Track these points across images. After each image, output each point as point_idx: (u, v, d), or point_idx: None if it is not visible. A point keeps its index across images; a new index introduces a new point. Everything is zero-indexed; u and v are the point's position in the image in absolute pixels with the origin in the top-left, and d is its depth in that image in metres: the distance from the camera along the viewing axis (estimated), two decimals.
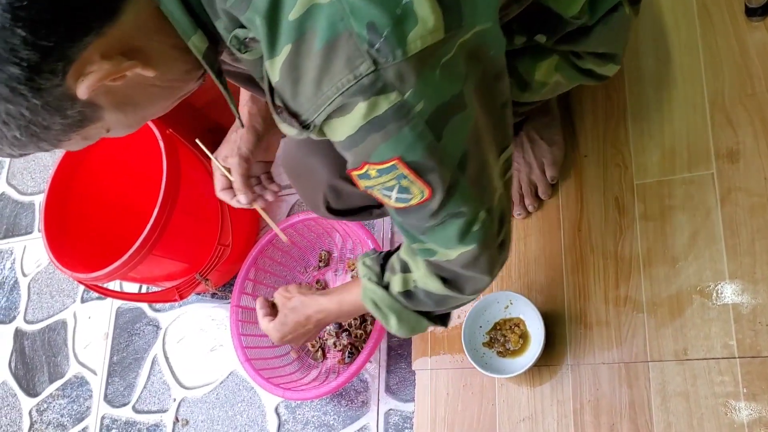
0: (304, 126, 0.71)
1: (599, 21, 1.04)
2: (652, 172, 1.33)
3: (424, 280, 0.93)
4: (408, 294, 0.97)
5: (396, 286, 0.97)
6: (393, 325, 1.01)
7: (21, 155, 0.72)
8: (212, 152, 1.19)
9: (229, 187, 1.17)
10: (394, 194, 0.77)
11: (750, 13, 1.31)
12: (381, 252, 1.04)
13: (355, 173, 0.76)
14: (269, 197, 1.19)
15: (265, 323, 1.23)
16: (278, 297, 1.24)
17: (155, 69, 0.70)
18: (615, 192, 1.35)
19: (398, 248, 1.01)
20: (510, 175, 0.89)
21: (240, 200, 1.16)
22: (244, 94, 1.18)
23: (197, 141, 1.27)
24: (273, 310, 1.25)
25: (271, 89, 0.72)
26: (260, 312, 1.25)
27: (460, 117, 0.73)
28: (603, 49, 1.09)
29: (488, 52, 0.74)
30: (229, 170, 1.16)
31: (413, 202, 0.77)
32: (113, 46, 0.66)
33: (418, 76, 0.66)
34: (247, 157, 1.15)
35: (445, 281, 0.91)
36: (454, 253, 0.85)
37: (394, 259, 1.00)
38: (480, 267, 0.87)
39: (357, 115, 0.68)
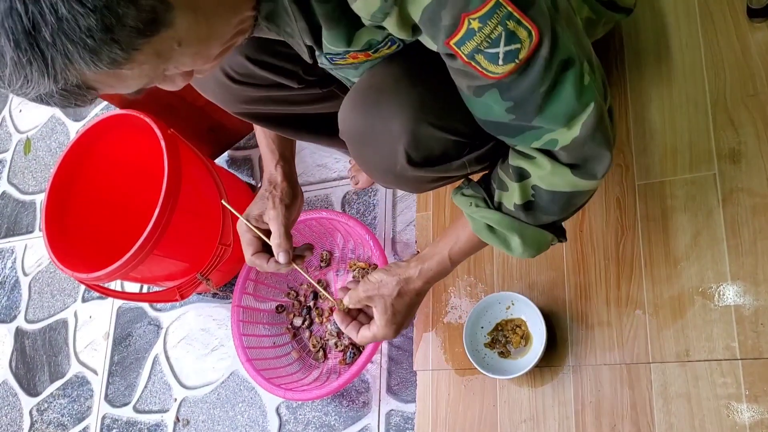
0: None
1: None
2: (654, 173, 1.32)
3: (550, 178, 0.88)
4: (528, 205, 0.91)
5: (513, 199, 0.91)
6: (517, 247, 0.95)
7: (94, 65, 0.62)
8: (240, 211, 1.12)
9: (262, 250, 1.09)
10: (502, 49, 0.73)
11: (752, 14, 1.31)
12: (472, 181, 0.99)
13: (454, 41, 0.73)
14: (308, 254, 1.11)
15: (366, 334, 1.06)
16: (363, 292, 1.05)
17: None
18: (616, 192, 1.35)
19: (491, 171, 0.96)
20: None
21: (280, 259, 1.06)
22: (268, 157, 1.16)
23: (223, 202, 1.20)
24: (358, 312, 1.09)
25: None
26: (350, 329, 1.07)
27: None
28: None
29: None
30: (262, 231, 1.09)
31: (523, 54, 0.74)
32: None
33: None
34: (290, 209, 1.10)
35: (574, 168, 0.86)
36: (576, 126, 0.81)
37: (499, 175, 0.93)
38: (603, 134, 0.83)
39: None
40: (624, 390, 1.23)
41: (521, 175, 0.90)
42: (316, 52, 0.91)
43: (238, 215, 1.10)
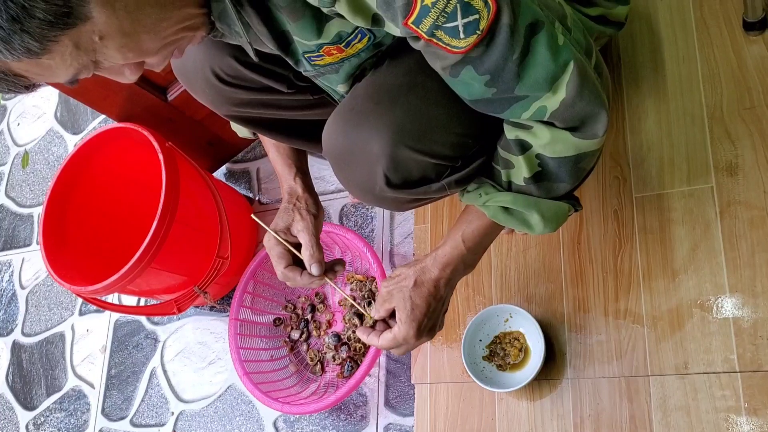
0: None
1: None
2: (652, 185, 1.33)
3: (552, 146, 0.87)
4: (538, 176, 0.91)
5: (521, 173, 0.91)
6: (537, 223, 0.94)
7: (10, 54, 0.65)
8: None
9: (294, 263, 1.07)
10: (460, 22, 0.73)
11: (748, 27, 1.32)
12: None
13: (411, 20, 0.73)
14: (338, 268, 1.08)
15: (387, 336, 1.01)
16: (384, 288, 1.03)
17: None
18: (614, 205, 1.35)
19: (493, 158, 0.96)
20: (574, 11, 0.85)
21: (313, 271, 1.05)
22: (284, 171, 1.16)
23: (253, 216, 1.19)
24: (384, 325, 1.04)
25: None
26: (372, 336, 1.02)
27: None
28: None
29: None
30: (292, 245, 1.08)
31: (484, 23, 0.73)
32: None
33: None
34: (318, 218, 1.09)
35: (573, 130, 0.86)
36: (561, 89, 0.80)
37: (501, 155, 0.92)
38: (592, 92, 0.82)
39: None
40: (623, 403, 1.23)
41: (522, 147, 0.89)
42: (297, 60, 0.92)
43: (267, 228, 1.09)
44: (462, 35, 0.74)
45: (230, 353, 1.53)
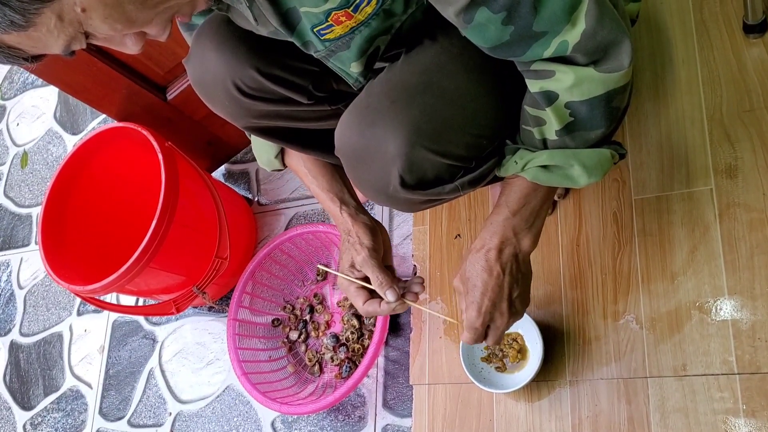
0: None
1: None
2: (651, 188, 1.33)
3: (578, 87, 0.84)
4: (570, 126, 0.88)
5: (552, 127, 0.88)
6: (580, 175, 0.90)
7: None
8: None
9: (371, 297, 1.06)
10: None
11: (748, 29, 1.32)
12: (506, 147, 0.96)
13: None
14: (417, 289, 1.06)
15: (463, 335, 1.00)
16: (455, 286, 1.03)
17: None
18: (613, 207, 1.35)
19: (521, 120, 0.94)
20: None
21: (389, 298, 1.03)
22: (330, 207, 1.15)
23: (319, 266, 1.18)
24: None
25: None
26: (462, 337, 1.01)
27: None
28: None
29: None
30: (362, 279, 1.07)
31: None
32: None
33: None
34: (373, 246, 1.07)
35: (597, 64, 0.83)
36: (580, 20, 0.78)
37: (529, 113, 0.90)
38: (612, 19, 0.80)
39: None
40: (621, 404, 1.23)
41: (549, 98, 0.86)
42: (306, 41, 0.90)
43: (337, 273, 1.09)
44: None
45: (228, 353, 1.53)
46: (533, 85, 0.87)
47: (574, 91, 0.84)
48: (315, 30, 0.89)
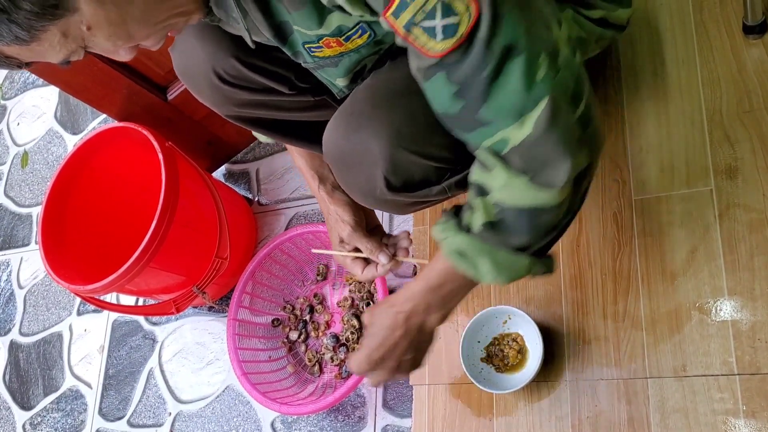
0: None
1: None
2: (651, 188, 1.33)
3: (508, 190, 0.80)
4: (494, 225, 0.84)
5: (478, 219, 0.84)
6: (487, 272, 0.87)
7: None
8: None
9: (366, 264, 1.12)
10: (438, 22, 0.70)
11: (748, 30, 1.32)
12: (450, 209, 0.94)
13: (390, 12, 0.70)
14: (405, 244, 1.12)
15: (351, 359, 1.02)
16: (365, 319, 1.05)
17: None
18: (614, 207, 1.35)
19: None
20: (581, 57, 0.80)
21: (382, 261, 1.09)
22: (310, 183, 1.20)
23: (314, 250, 1.29)
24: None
25: None
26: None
27: None
28: None
29: None
30: (354, 251, 1.13)
31: (463, 28, 0.70)
32: None
33: None
34: (354, 220, 1.12)
35: (529, 176, 0.79)
36: (528, 124, 0.75)
37: (468, 195, 0.88)
38: (562, 136, 0.76)
39: None
40: (621, 405, 1.23)
41: (482, 191, 0.84)
42: (296, 52, 0.92)
43: (331, 252, 1.16)
44: (439, 37, 0.71)
45: (228, 353, 1.53)
46: (473, 173, 0.85)
47: (504, 192, 0.81)
48: (306, 46, 0.91)
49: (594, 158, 0.81)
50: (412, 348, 0.99)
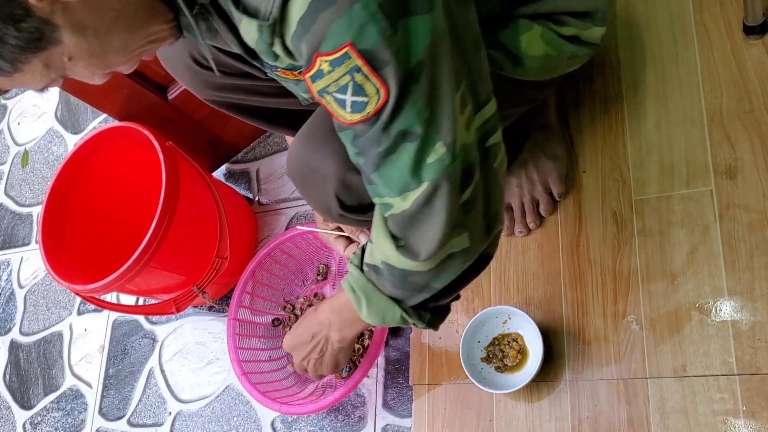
0: (265, 19, 0.73)
1: None
2: (651, 188, 1.33)
3: (381, 246, 0.88)
4: (376, 269, 0.92)
5: (369, 259, 0.93)
6: (363, 309, 0.96)
7: None
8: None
9: (349, 242, 1.22)
10: (349, 97, 0.75)
11: (748, 31, 1.32)
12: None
13: (309, 75, 0.74)
14: None
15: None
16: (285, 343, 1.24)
17: None
18: (613, 207, 1.35)
19: None
20: (495, 143, 0.85)
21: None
22: None
23: (299, 227, 1.38)
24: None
25: None
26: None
27: (422, 20, 0.72)
28: (580, 6, 1.04)
29: None
30: (336, 229, 1.21)
31: (371, 108, 0.75)
32: None
33: None
34: None
35: (396, 240, 0.87)
36: (409, 200, 0.81)
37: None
38: (436, 218, 0.82)
39: None
40: (621, 405, 1.23)
41: (371, 238, 0.92)
42: (265, 66, 0.94)
43: (315, 230, 1.27)
44: (348, 110, 0.76)
45: (228, 353, 1.53)
46: (374, 219, 0.92)
47: (378, 248, 0.90)
48: (267, 66, 0.95)
49: (476, 242, 0.87)
50: (324, 356, 1.16)
